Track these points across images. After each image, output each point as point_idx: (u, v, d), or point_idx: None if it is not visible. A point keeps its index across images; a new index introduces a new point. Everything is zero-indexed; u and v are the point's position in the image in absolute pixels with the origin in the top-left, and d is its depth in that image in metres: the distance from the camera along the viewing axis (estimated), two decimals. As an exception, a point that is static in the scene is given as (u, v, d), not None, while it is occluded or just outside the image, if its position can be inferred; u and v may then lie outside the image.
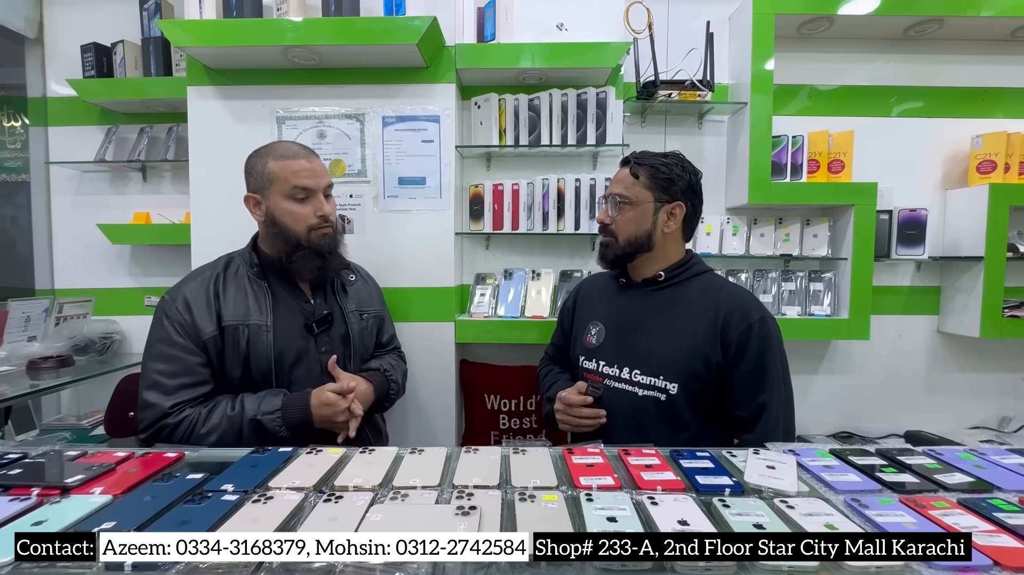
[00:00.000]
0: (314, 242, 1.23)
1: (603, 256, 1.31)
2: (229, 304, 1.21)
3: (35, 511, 0.72)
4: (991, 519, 0.70)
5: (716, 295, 1.21)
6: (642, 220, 1.23)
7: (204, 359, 1.19)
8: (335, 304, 1.33)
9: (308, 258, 1.24)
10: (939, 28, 1.88)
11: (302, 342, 1.26)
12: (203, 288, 1.22)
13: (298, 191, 1.21)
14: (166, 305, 1.20)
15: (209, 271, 1.26)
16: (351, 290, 1.38)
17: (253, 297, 1.23)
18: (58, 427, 1.92)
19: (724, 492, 0.79)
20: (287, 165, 1.21)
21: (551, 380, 1.40)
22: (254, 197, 1.24)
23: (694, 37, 1.90)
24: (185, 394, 1.16)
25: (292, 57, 1.66)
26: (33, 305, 1.85)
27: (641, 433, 1.18)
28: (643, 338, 1.23)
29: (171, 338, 1.17)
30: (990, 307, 1.84)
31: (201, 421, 1.14)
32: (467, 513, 0.69)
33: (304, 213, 1.22)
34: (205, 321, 1.18)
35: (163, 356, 1.17)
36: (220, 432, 1.13)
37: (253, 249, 1.30)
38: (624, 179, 1.25)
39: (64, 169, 2.06)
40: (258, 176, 1.23)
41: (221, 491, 0.77)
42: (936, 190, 2.03)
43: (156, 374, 1.16)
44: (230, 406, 1.16)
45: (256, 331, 1.21)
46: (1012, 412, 2.05)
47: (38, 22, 2.03)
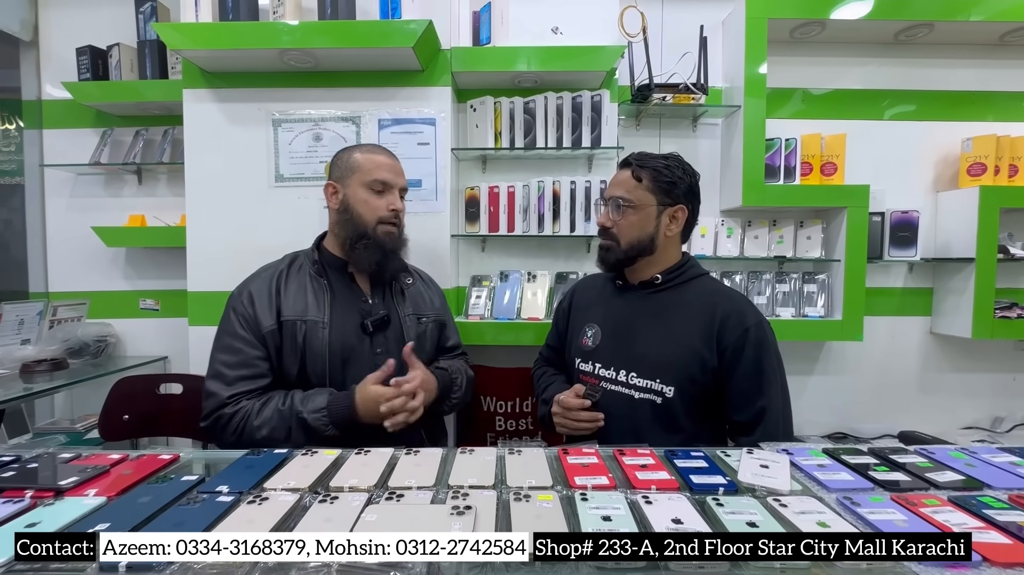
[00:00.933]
0: (379, 236, 1.27)
1: (604, 260, 1.29)
2: (289, 300, 1.24)
3: (29, 513, 0.71)
4: (981, 516, 0.71)
5: (712, 299, 1.21)
6: (645, 224, 1.23)
7: (264, 353, 1.21)
8: (392, 307, 1.34)
9: (370, 249, 1.26)
10: (929, 32, 1.90)
11: (357, 341, 1.27)
12: (266, 283, 1.26)
13: (376, 183, 1.26)
14: (233, 299, 1.26)
15: (274, 267, 1.31)
16: (408, 293, 1.38)
17: (312, 294, 1.26)
18: (52, 430, 1.91)
19: (718, 491, 0.80)
20: (372, 158, 1.28)
21: (546, 382, 1.39)
22: (333, 184, 1.30)
23: (688, 41, 1.91)
24: (244, 385, 1.18)
25: (288, 60, 1.66)
26: (27, 308, 1.84)
27: (637, 436, 1.17)
28: (639, 341, 1.23)
29: (235, 330, 1.21)
30: (981, 308, 1.85)
31: (254, 414, 1.15)
32: (462, 513, 0.69)
33: (378, 204, 1.26)
34: (266, 315, 1.22)
35: (227, 347, 1.21)
36: (271, 426, 1.14)
37: (316, 248, 1.34)
38: (626, 182, 1.24)
39: (59, 172, 2.05)
40: (343, 165, 1.29)
41: (216, 492, 0.77)
42: (928, 192, 2.05)
43: (219, 364, 1.20)
44: (281, 400, 1.17)
45: (313, 327, 1.23)
46: (1004, 412, 2.06)
47: (33, 25, 2.03)
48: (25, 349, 1.79)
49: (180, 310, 1.97)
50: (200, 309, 1.78)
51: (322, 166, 1.77)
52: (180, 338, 1.91)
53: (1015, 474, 0.86)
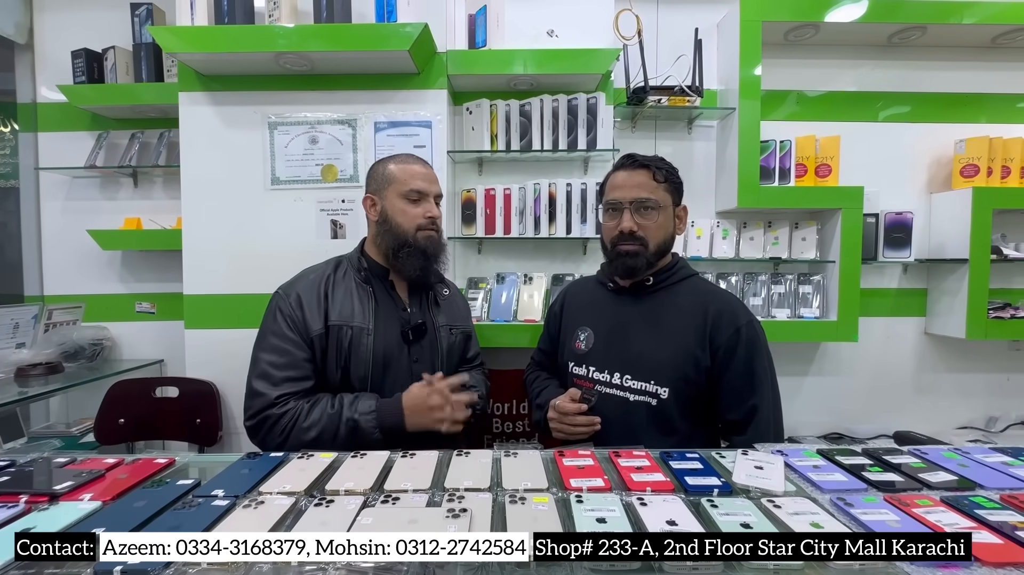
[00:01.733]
0: (420, 242, 1.28)
1: (632, 267, 1.21)
2: (336, 305, 1.26)
3: (23, 518, 0.71)
4: (973, 516, 0.71)
5: (704, 299, 1.22)
6: (668, 224, 1.24)
7: (310, 355, 1.22)
8: (428, 317, 1.35)
9: (413, 256, 1.28)
10: (922, 35, 1.92)
11: (397, 349, 1.28)
12: (314, 287, 1.27)
13: (412, 193, 1.28)
14: (280, 300, 1.26)
15: (320, 271, 1.31)
16: (443, 304, 1.40)
17: (358, 300, 1.27)
18: (47, 435, 1.90)
19: (712, 493, 0.80)
20: (406, 169, 1.30)
21: (540, 386, 1.39)
22: (371, 197, 1.32)
23: (683, 43, 1.92)
24: (290, 386, 1.19)
25: (284, 63, 1.67)
26: (22, 312, 1.84)
27: (632, 438, 1.17)
28: (633, 343, 1.22)
29: (282, 331, 1.22)
30: (975, 309, 1.87)
31: (303, 415, 1.16)
32: (458, 516, 0.69)
33: (415, 213, 1.28)
34: (314, 318, 1.23)
35: (274, 348, 1.21)
36: (320, 428, 1.15)
37: (361, 254, 1.35)
38: (647, 183, 1.20)
39: (54, 175, 2.04)
40: (378, 178, 1.31)
41: (212, 496, 0.77)
42: (921, 194, 2.06)
43: (266, 364, 1.20)
44: (330, 404, 1.18)
45: (359, 333, 1.24)
46: (999, 412, 2.08)
47: (28, 28, 2.03)
48: (20, 353, 1.78)
49: (176, 313, 1.96)
50: (196, 312, 1.77)
51: (318, 169, 1.77)
52: (176, 341, 1.91)
53: (1007, 474, 0.86)
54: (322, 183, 1.76)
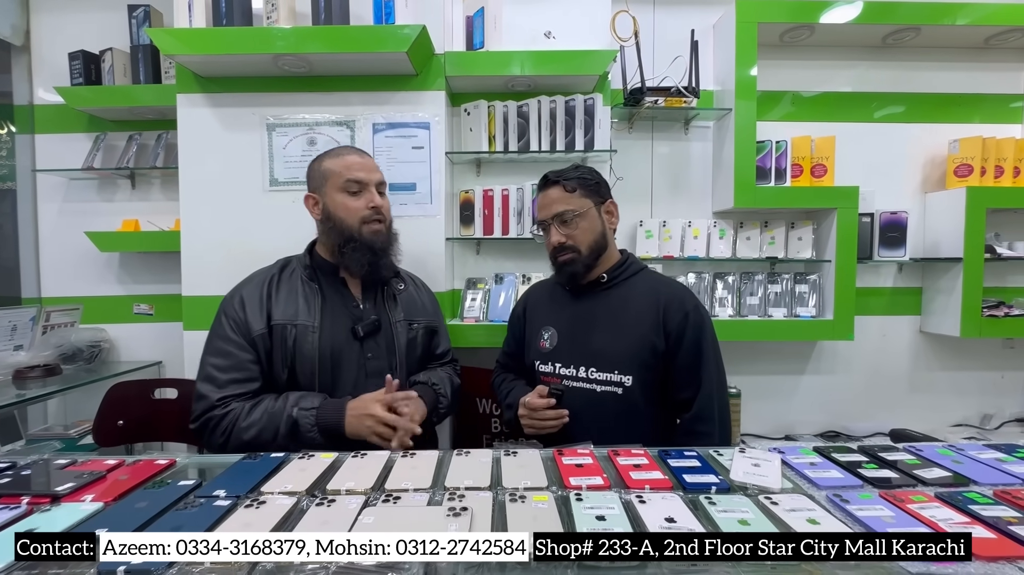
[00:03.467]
0: (366, 236, 1.27)
1: (572, 274, 1.31)
2: (280, 304, 1.25)
3: (25, 519, 0.72)
4: (967, 512, 0.72)
5: (655, 289, 1.31)
6: (595, 225, 1.31)
7: (254, 356, 1.22)
8: (383, 312, 1.34)
9: (359, 251, 1.27)
10: (916, 36, 1.94)
11: (347, 346, 1.27)
12: (258, 288, 1.27)
13: (351, 184, 1.26)
14: (225, 303, 1.27)
15: (266, 272, 1.32)
16: (400, 299, 1.38)
17: (303, 298, 1.27)
18: (45, 437, 1.89)
19: (710, 490, 0.81)
20: (342, 161, 1.29)
21: (508, 387, 1.42)
22: (312, 196, 1.31)
23: (679, 45, 1.94)
24: (234, 388, 1.19)
25: (282, 65, 1.67)
26: (19, 314, 1.83)
27: (601, 427, 1.24)
28: (595, 337, 1.29)
29: (226, 334, 1.22)
30: (970, 307, 1.88)
31: (244, 415, 1.16)
32: (458, 514, 0.70)
33: (357, 206, 1.27)
34: (256, 319, 1.23)
35: (218, 351, 1.22)
36: (260, 427, 1.15)
37: (309, 252, 1.35)
38: (561, 196, 1.30)
39: (51, 177, 2.04)
40: (316, 175, 1.30)
41: (213, 497, 0.77)
42: (916, 193, 2.08)
43: (210, 367, 1.21)
44: (271, 403, 1.18)
45: (303, 331, 1.23)
46: (993, 409, 2.09)
47: (25, 30, 2.02)
48: (18, 355, 1.78)
49: (174, 315, 1.96)
50: (194, 314, 1.77)
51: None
52: (174, 343, 1.91)
53: (1001, 470, 0.87)
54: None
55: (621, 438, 1.18)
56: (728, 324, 1.89)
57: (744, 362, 2.06)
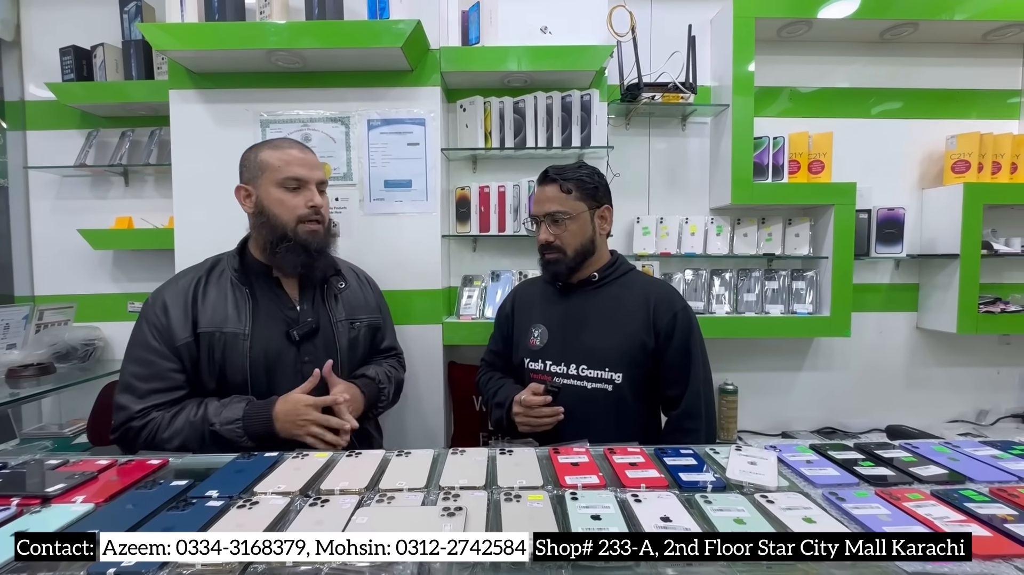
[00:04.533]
0: (301, 236, 1.20)
1: (555, 273, 1.35)
2: (207, 310, 1.18)
3: (15, 521, 0.71)
4: (962, 509, 0.72)
5: (645, 289, 1.34)
6: (584, 229, 1.32)
7: (178, 365, 1.15)
8: (323, 312, 1.28)
9: (293, 251, 1.20)
10: (914, 31, 1.93)
11: (283, 351, 1.20)
12: (182, 292, 1.19)
13: (290, 181, 1.19)
14: (147, 308, 1.19)
15: (192, 274, 1.23)
16: (342, 297, 1.33)
17: (233, 303, 1.19)
18: (39, 436, 1.89)
19: (706, 488, 0.80)
20: (281, 155, 1.21)
21: (495, 386, 1.41)
22: (245, 188, 1.23)
23: (676, 40, 1.92)
24: (156, 398, 1.13)
25: (276, 60, 1.65)
26: (12, 312, 1.82)
27: (591, 424, 1.25)
28: (586, 335, 1.31)
29: (147, 342, 1.15)
30: (966, 303, 1.88)
31: (164, 425, 1.10)
32: (453, 514, 0.69)
33: (294, 203, 1.19)
34: (180, 327, 1.15)
35: (138, 360, 1.15)
36: (183, 438, 1.09)
37: (240, 252, 1.27)
38: (556, 196, 1.30)
39: (43, 174, 2.02)
40: (251, 166, 1.22)
41: (206, 497, 0.77)
42: (913, 189, 2.07)
43: (130, 376, 1.14)
44: (193, 411, 1.12)
45: (232, 339, 1.16)
46: (989, 405, 2.10)
47: (15, 24, 2.00)
48: (11, 354, 1.76)
49: (169, 313, 1.95)
50: (189, 312, 1.76)
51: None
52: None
53: (997, 467, 0.87)
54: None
55: (611, 434, 1.20)
56: (725, 321, 1.89)
57: (741, 359, 2.06)
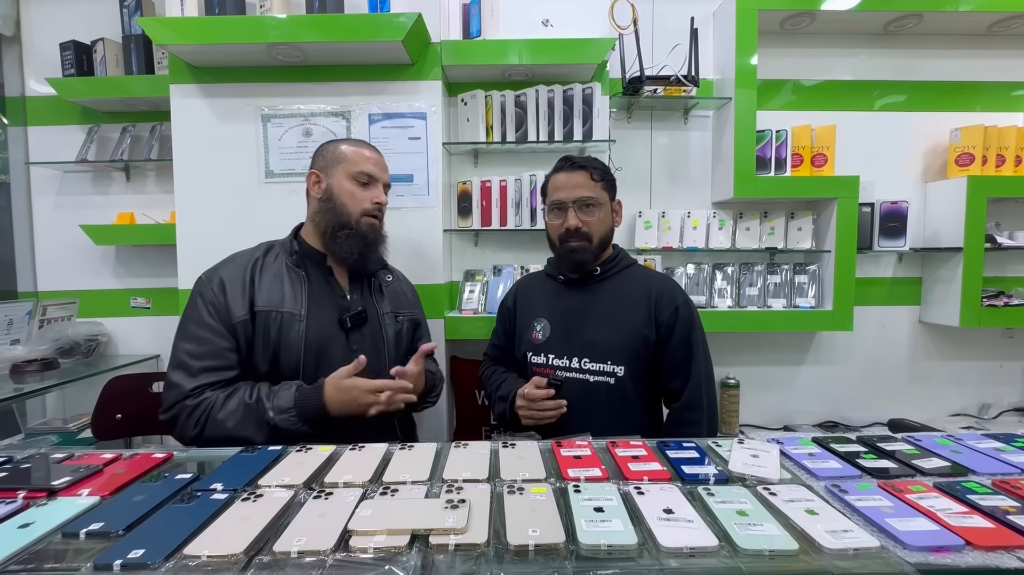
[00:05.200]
0: (362, 227, 1.26)
1: (579, 261, 1.32)
2: (264, 290, 1.19)
3: (22, 514, 0.71)
4: (965, 501, 0.72)
5: (647, 283, 1.34)
6: (607, 219, 1.34)
7: (233, 344, 1.16)
8: (371, 303, 1.31)
9: (352, 239, 1.24)
10: (919, 23, 1.91)
11: (334, 337, 1.23)
12: (240, 271, 1.20)
13: (362, 175, 1.26)
14: (202, 285, 1.19)
15: (248, 255, 1.25)
16: (387, 291, 1.37)
17: (289, 285, 1.22)
18: (44, 431, 1.90)
19: (709, 481, 0.81)
20: (359, 151, 1.28)
21: (498, 380, 1.42)
22: (316, 173, 1.28)
23: (678, 33, 1.91)
24: (209, 377, 1.13)
25: (276, 54, 1.65)
26: (16, 308, 1.82)
27: (593, 416, 1.26)
28: (588, 328, 1.32)
29: (202, 319, 1.15)
30: (969, 297, 1.88)
31: (219, 405, 1.10)
32: (456, 506, 0.70)
33: (363, 196, 1.26)
34: (238, 304, 1.16)
35: (192, 336, 1.15)
36: (237, 419, 1.09)
37: (294, 238, 1.30)
38: (587, 183, 1.31)
39: (45, 170, 2.02)
40: (328, 155, 1.28)
41: (210, 490, 0.77)
42: (916, 183, 2.06)
43: (184, 354, 1.14)
44: (248, 393, 1.12)
45: (289, 319, 1.18)
46: (991, 399, 2.10)
47: (15, 20, 1.99)
48: (15, 349, 1.77)
49: (171, 308, 1.96)
50: (192, 307, 1.76)
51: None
52: (171, 336, 1.89)
53: (999, 460, 0.87)
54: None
55: (613, 427, 1.20)
56: (727, 315, 1.89)
57: (743, 353, 2.06)
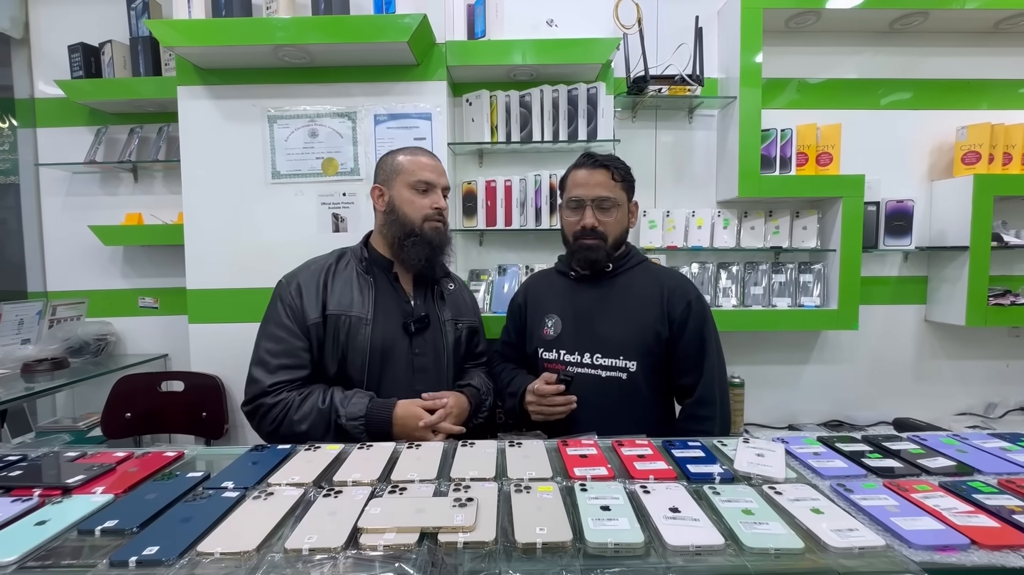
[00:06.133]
0: (427, 232, 1.29)
1: (593, 260, 1.32)
2: (335, 294, 1.26)
3: (37, 511, 0.73)
4: (970, 501, 0.72)
5: (658, 279, 1.34)
6: (623, 220, 1.34)
7: (307, 344, 1.24)
8: (433, 310, 1.35)
9: (419, 246, 1.29)
10: (924, 21, 1.90)
11: (398, 341, 1.28)
12: (315, 276, 1.28)
13: (420, 184, 1.30)
14: (282, 288, 1.28)
15: (323, 261, 1.33)
16: (449, 298, 1.40)
17: (358, 290, 1.28)
18: (54, 429, 1.92)
19: (714, 480, 0.81)
20: (416, 160, 1.31)
21: (508, 376, 1.42)
22: (379, 187, 1.33)
23: (683, 32, 1.91)
24: (285, 374, 1.20)
25: (282, 56, 1.66)
26: (26, 308, 1.84)
27: (605, 412, 1.26)
28: (600, 324, 1.32)
29: (281, 320, 1.24)
30: (975, 296, 1.87)
31: (295, 407, 1.18)
32: (464, 505, 0.71)
33: (423, 203, 1.29)
34: (312, 307, 1.24)
35: (271, 336, 1.23)
36: (311, 422, 1.16)
37: (364, 245, 1.36)
38: (606, 182, 1.30)
39: (54, 171, 2.04)
40: (387, 169, 1.32)
41: (222, 488, 0.78)
42: (922, 181, 2.05)
43: (264, 352, 1.23)
44: (321, 398, 1.19)
45: (357, 323, 1.25)
46: (997, 398, 2.09)
47: (24, 22, 2.01)
48: (25, 349, 1.79)
49: (179, 308, 1.98)
50: (199, 306, 1.78)
51: (319, 162, 1.77)
52: (180, 335, 1.92)
53: (1005, 459, 0.87)
54: (323, 176, 1.76)
55: (625, 423, 1.20)
56: (732, 314, 1.89)
57: (748, 352, 2.06)
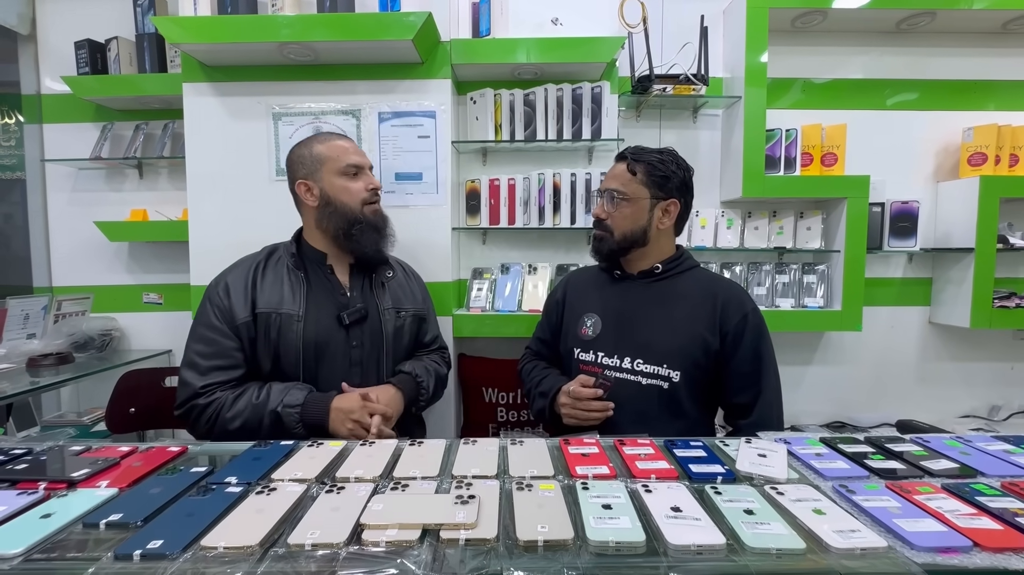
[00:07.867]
0: (369, 216, 1.28)
1: (598, 250, 1.33)
2: (265, 292, 1.25)
3: (43, 504, 0.73)
4: (973, 503, 0.72)
5: (712, 287, 1.27)
6: (638, 216, 1.26)
7: (238, 344, 1.22)
8: (371, 300, 1.33)
9: (367, 231, 1.28)
10: (931, 21, 1.89)
11: (333, 335, 1.27)
12: (243, 275, 1.27)
13: (350, 168, 1.28)
14: (210, 289, 1.27)
15: (252, 259, 1.31)
16: (389, 286, 1.38)
17: (288, 287, 1.26)
18: (59, 424, 1.93)
19: (716, 480, 0.81)
20: (336, 146, 1.29)
21: (540, 375, 1.38)
22: (305, 183, 1.29)
23: (688, 31, 1.90)
24: (218, 375, 1.19)
25: (287, 53, 1.66)
26: (32, 303, 1.86)
27: (643, 422, 1.19)
28: (643, 328, 1.25)
29: (210, 321, 1.22)
30: (980, 298, 1.86)
31: (228, 405, 1.17)
32: (466, 502, 0.71)
33: (357, 187, 1.28)
34: (240, 306, 1.23)
35: (201, 338, 1.22)
36: (244, 418, 1.15)
37: (295, 240, 1.34)
38: (621, 175, 1.27)
39: (60, 166, 2.05)
40: (307, 161, 1.28)
41: (225, 483, 0.79)
42: (928, 182, 2.04)
43: (194, 354, 1.22)
44: (256, 394, 1.18)
45: (287, 320, 1.23)
46: (1001, 400, 2.08)
47: (31, 19, 2.02)
48: (31, 343, 1.80)
49: (183, 304, 1.99)
50: (203, 303, 1.79)
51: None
52: (184, 331, 1.88)
53: (1008, 462, 0.87)
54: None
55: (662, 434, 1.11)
56: (735, 314, 1.89)
57: (750, 352, 2.06)
